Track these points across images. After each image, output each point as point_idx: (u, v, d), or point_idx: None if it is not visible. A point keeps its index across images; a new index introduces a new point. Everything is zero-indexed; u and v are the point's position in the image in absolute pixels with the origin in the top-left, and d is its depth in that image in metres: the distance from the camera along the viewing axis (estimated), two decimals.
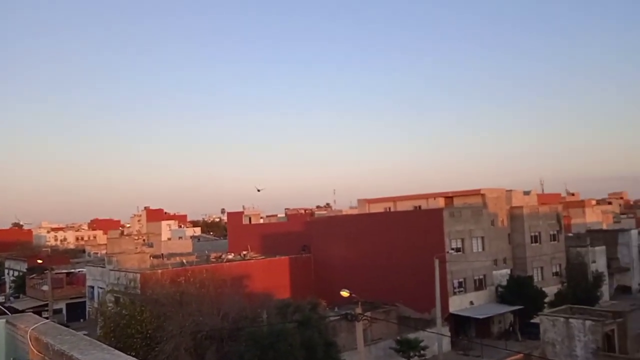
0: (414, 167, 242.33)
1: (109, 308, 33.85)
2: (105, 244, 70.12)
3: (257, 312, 35.41)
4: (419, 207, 56.75)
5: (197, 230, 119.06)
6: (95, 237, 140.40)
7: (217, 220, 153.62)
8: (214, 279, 38.11)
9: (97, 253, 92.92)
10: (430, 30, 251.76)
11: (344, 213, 79.60)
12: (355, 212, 72.44)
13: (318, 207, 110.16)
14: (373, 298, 44.81)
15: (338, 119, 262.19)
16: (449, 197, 56.02)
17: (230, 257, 55.33)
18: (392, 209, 60.57)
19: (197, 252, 66.81)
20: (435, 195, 57.62)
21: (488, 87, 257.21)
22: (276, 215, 79.67)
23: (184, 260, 52.08)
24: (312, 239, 56.09)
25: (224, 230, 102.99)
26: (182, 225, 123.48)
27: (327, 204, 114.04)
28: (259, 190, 35.22)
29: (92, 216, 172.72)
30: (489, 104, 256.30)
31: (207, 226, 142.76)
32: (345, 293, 26.51)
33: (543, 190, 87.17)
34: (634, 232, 70.50)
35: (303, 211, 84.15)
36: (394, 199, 62.36)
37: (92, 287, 51.16)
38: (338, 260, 52.01)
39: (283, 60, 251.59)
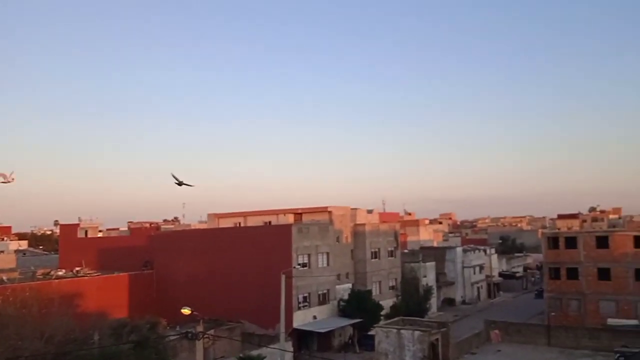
0: (266, 183, 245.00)
1: None
2: None
3: (88, 334, 32.72)
4: (269, 222, 57.20)
5: (24, 244, 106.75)
6: None
7: (49, 232, 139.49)
8: (39, 298, 34.34)
9: None
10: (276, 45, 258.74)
11: (192, 227, 77.37)
12: (204, 226, 70.77)
13: (165, 220, 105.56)
14: (218, 315, 43.98)
15: (189, 129, 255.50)
16: (298, 214, 57.28)
17: (60, 273, 50.51)
18: (242, 224, 60.24)
19: (21, 268, 59.92)
20: (285, 212, 58.51)
21: (336, 112, 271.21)
22: (118, 229, 74.74)
23: (4, 278, 46.38)
24: (156, 255, 53.57)
25: (55, 244, 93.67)
26: (5, 238, 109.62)
27: (175, 218, 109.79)
28: (180, 184, 26.74)
29: None
30: (336, 127, 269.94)
31: (36, 239, 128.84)
32: (186, 311, 25.43)
33: (385, 210, 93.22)
34: (459, 249, 78.57)
35: (148, 225, 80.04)
36: (245, 214, 62.12)
37: None
38: (184, 277, 50.23)
39: (129, 61, 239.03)
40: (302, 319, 45.33)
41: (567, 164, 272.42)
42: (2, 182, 17.85)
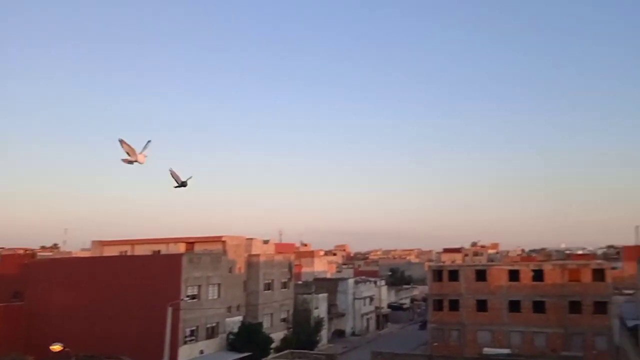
0: (155, 210, 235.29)
1: None
2: None
3: None
4: (159, 251, 54.97)
5: None
6: None
7: None
8: None
9: None
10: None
11: (73, 255, 71.95)
12: (87, 254, 66.19)
13: (43, 247, 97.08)
14: (96, 351, 40.94)
15: (70, 153, 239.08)
16: (190, 243, 55.70)
17: None
18: (129, 253, 57.28)
19: None
20: (176, 240, 56.61)
21: (233, 139, 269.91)
22: None
23: None
24: (29, 285, 49.07)
25: None
26: None
27: (55, 245, 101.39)
28: (182, 185, 18.45)
29: None
30: (234, 154, 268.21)
31: None
32: (56, 347, 23.35)
33: (281, 240, 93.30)
34: (351, 280, 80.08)
35: (22, 251, 73.19)
36: (132, 242, 59.33)
37: None
38: (60, 310, 46.31)
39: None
40: (187, 354, 43.43)
41: (429, 203, 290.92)
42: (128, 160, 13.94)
